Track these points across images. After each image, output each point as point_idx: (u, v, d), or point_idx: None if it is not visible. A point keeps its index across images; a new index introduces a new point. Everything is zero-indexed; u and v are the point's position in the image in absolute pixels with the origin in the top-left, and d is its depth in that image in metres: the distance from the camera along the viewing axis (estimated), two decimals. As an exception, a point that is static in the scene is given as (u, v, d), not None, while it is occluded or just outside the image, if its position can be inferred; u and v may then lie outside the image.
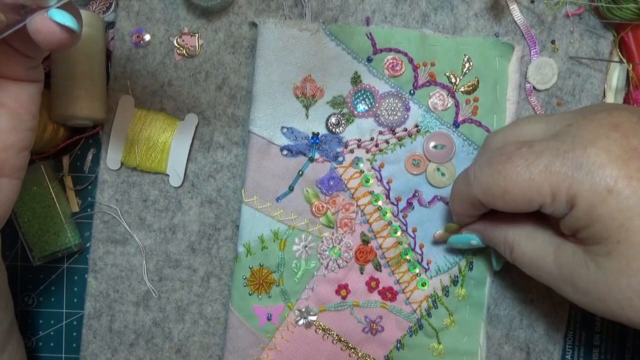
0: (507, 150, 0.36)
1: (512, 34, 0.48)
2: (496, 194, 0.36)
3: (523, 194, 0.35)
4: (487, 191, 0.37)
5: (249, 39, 0.48)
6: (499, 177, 0.35)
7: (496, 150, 0.38)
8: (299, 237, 0.47)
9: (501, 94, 0.47)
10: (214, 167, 0.49)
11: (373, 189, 0.47)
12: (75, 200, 0.50)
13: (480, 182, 0.37)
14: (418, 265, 0.47)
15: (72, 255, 0.50)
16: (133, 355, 0.49)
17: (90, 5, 0.49)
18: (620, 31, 0.47)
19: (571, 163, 0.33)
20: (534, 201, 0.35)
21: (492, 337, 0.48)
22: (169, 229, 0.49)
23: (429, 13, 0.48)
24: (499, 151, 0.37)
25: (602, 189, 0.32)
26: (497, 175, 0.36)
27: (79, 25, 0.30)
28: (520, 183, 0.34)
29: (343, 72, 0.47)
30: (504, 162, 0.35)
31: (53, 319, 0.50)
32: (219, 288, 0.49)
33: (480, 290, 0.47)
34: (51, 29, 0.29)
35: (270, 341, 0.47)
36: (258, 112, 0.46)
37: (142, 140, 0.47)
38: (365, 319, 0.47)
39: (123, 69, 0.48)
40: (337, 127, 0.47)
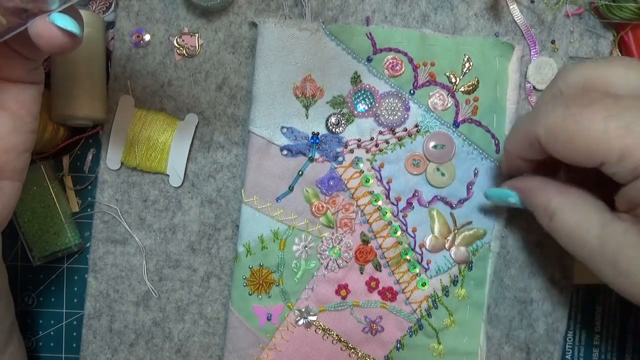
0: (590, 95, 0.33)
1: (512, 34, 0.48)
2: (561, 138, 0.33)
3: (591, 144, 0.32)
4: (553, 132, 0.34)
5: (249, 39, 0.48)
6: (571, 120, 0.32)
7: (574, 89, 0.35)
8: (298, 237, 0.47)
9: (501, 94, 0.47)
10: (214, 167, 0.49)
11: (373, 189, 0.47)
12: (75, 200, 0.50)
13: (548, 120, 0.34)
14: (418, 265, 0.47)
15: (72, 255, 0.50)
16: (133, 355, 0.49)
17: (90, 5, 0.49)
18: (620, 31, 0.47)
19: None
20: (598, 156, 0.32)
21: (492, 337, 0.48)
22: (169, 229, 0.49)
23: (429, 13, 0.48)
24: (580, 93, 0.34)
25: None
26: (570, 118, 0.32)
27: (81, 29, 0.30)
28: (592, 132, 0.31)
29: (343, 72, 0.47)
30: (583, 106, 0.32)
31: (53, 319, 0.50)
32: (219, 288, 0.49)
33: (480, 290, 0.47)
34: (53, 33, 0.29)
35: (270, 341, 0.47)
36: (258, 112, 0.46)
37: (142, 140, 0.47)
38: (365, 319, 0.47)
39: (123, 69, 0.48)
40: (337, 127, 0.47)
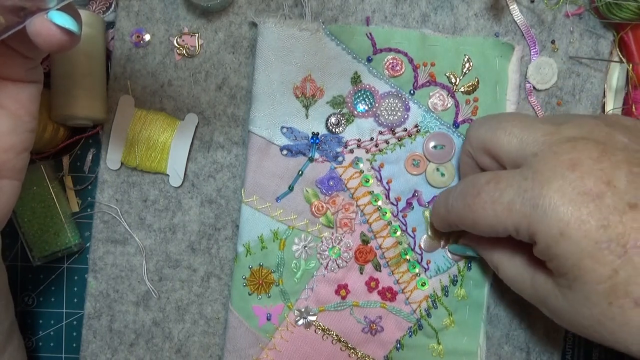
0: (478, 184, 0.38)
1: (512, 34, 0.48)
2: (468, 224, 0.39)
3: (490, 227, 0.37)
4: (461, 220, 0.40)
5: (249, 39, 0.48)
6: (469, 210, 0.38)
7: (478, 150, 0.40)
8: (298, 237, 0.47)
9: (501, 94, 0.47)
10: (214, 167, 0.49)
11: (373, 189, 0.47)
12: (75, 200, 0.50)
13: (454, 211, 0.40)
14: (418, 265, 0.47)
15: (72, 255, 0.50)
16: (133, 355, 0.49)
17: (90, 5, 0.49)
18: (620, 31, 0.47)
19: (529, 203, 0.34)
20: (500, 232, 0.37)
21: (492, 337, 0.48)
22: (169, 229, 0.49)
23: (429, 13, 0.48)
24: (471, 182, 0.39)
25: (555, 231, 0.33)
26: (468, 209, 0.38)
27: (79, 27, 0.30)
28: (486, 217, 0.37)
29: (343, 72, 0.47)
30: (474, 197, 0.37)
31: (53, 319, 0.50)
32: (219, 288, 0.49)
33: (480, 290, 0.47)
34: (51, 31, 0.29)
35: (270, 341, 0.47)
36: (258, 112, 0.46)
37: (142, 140, 0.47)
38: (364, 319, 0.47)
39: (123, 69, 0.48)
40: (337, 127, 0.47)
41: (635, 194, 0.32)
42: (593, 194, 0.32)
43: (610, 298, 0.32)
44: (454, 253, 0.47)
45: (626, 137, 0.35)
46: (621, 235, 0.31)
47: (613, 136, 0.35)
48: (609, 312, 0.32)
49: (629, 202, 0.32)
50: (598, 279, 0.32)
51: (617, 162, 0.33)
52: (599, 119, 0.37)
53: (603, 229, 0.32)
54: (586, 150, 0.34)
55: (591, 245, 0.32)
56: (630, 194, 0.32)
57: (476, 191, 0.37)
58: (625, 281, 0.31)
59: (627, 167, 0.33)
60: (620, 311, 0.32)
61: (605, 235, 0.32)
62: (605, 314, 0.32)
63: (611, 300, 0.32)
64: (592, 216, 0.32)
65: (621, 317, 0.32)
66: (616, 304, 0.32)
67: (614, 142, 0.34)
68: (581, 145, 0.34)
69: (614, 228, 0.31)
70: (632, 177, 0.32)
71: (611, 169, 0.33)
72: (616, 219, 0.32)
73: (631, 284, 0.31)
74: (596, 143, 0.34)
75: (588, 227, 0.32)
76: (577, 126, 0.36)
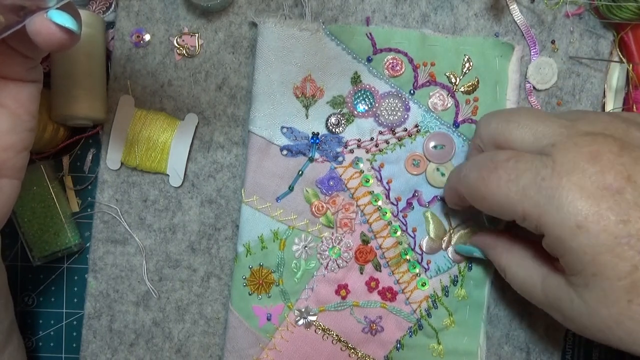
0: (496, 159, 0.36)
1: (512, 34, 0.48)
2: (477, 197, 0.38)
3: (499, 205, 0.36)
4: (471, 192, 0.38)
5: (249, 39, 0.48)
6: (482, 183, 0.37)
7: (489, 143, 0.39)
8: (298, 237, 0.47)
9: (501, 94, 0.47)
10: (214, 167, 0.49)
11: (373, 189, 0.47)
12: (75, 200, 0.50)
13: (467, 182, 0.39)
14: (418, 265, 0.47)
15: (72, 255, 0.50)
16: (133, 355, 0.49)
17: (90, 5, 0.49)
18: (620, 31, 0.47)
19: (545, 193, 0.33)
20: (507, 215, 0.36)
21: (492, 337, 0.48)
22: (169, 229, 0.49)
23: (429, 13, 0.48)
24: (490, 156, 0.37)
25: (572, 224, 0.32)
26: (481, 182, 0.37)
27: (79, 26, 0.30)
28: (498, 195, 0.36)
29: (343, 72, 0.47)
30: (490, 171, 0.36)
31: (53, 319, 0.50)
32: (219, 288, 0.49)
33: (480, 290, 0.47)
34: (51, 30, 0.29)
35: (270, 341, 0.47)
36: (258, 112, 0.46)
37: (142, 140, 0.47)
38: (365, 319, 0.47)
39: (123, 69, 0.48)
40: (337, 127, 0.47)
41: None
42: (613, 189, 0.32)
43: (630, 295, 0.31)
44: (460, 253, 0.47)
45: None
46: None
47: (630, 132, 0.34)
48: (628, 310, 0.31)
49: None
50: (618, 274, 0.31)
51: (637, 158, 0.32)
52: (614, 115, 0.36)
53: (623, 224, 0.31)
54: (606, 145, 0.33)
55: (610, 240, 0.31)
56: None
57: (494, 165, 0.36)
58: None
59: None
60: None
61: (625, 230, 0.31)
62: (624, 312, 0.32)
63: (631, 298, 0.31)
64: (612, 211, 0.31)
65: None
66: (636, 301, 0.31)
67: (631, 138, 0.34)
68: (601, 139, 0.34)
69: (635, 223, 0.31)
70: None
71: (632, 164, 0.32)
72: (636, 214, 0.31)
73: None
74: (615, 139, 0.34)
75: (607, 222, 0.31)
76: (592, 122, 0.35)
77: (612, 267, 0.31)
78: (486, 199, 0.37)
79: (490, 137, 0.39)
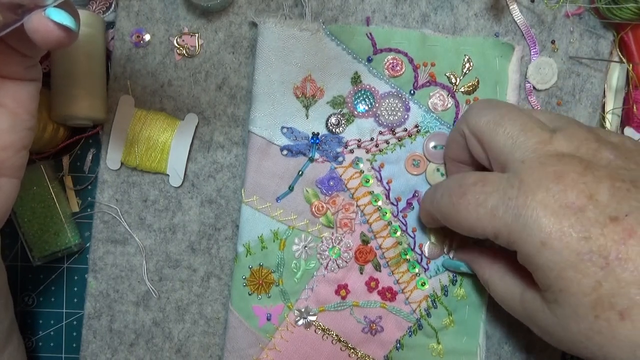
0: (465, 183, 0.38)
1: (512, 34, 0.48)
2: (450, 221, 0.39)
3: (471, 227, 0.37)
4: (444, 216, 0.40)
5: (249, 39, 0.48)
6: (453, 208, 0.38)
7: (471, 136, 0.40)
8: (298, 237, 0.47)
9: (501, 94, 0.47)
10: (214, 167, 0.49)
11: (373, 189, 0.47)
12: (75, 200, 0.50)
13: (439, 208, 0.40)
14: (417, 265, 0.47)
15: (72, 255, 0.50)
16: (133, 355, 0.49)
17: (90, 5, 0.49)
18: (620, 31, 0.47)
19: (512, 212, 0.34)
20: (480, 235, 0.37)
21: (492, 337, 0.48)
22: (169, 229, 0.49)
23: (429, 13, 0.48)
24: (458, 180, 0.39)
25: (537, 241, 0.33)
26: (452, 207, 0.38)
27: (77, 23, 0.30)
28: (469, 219, 0.37)
29: (343, 72, 0.47)
30: (459, 196, 0.38)
31: (53, 319, 0.50)
32: (219, 288, 0.49)
33: (479, 290, 0.47)
34: (49, 28, 0.29)
35: (270, 341, 0.47)
36: (258, 112, 0.46)
37: (142, 140, 0.47)
38: (364, 319, 0.47)
39: (123, 69, 0.48)
40: (337, 127, 0.47)
41: (616, 207, 0.32)
42: (575, 207, 0.33)
43: (596, 311, 0.32)
44: (448, 268, 0.47)
45: (612, 154, 0.35)
46: (603, 247, 0.31)
47: (600, 152, 0.35)
48: (595, 325, 0.32)
49: (610, 215, 0.32)
50: (583, 290, 0.32)
51: (600, 177, 0.33)
52: (591, 132, 0.37)
53: (584, 240, 0.32)
54: (571, 165, 0.34)
55: (573, 256, 0.32)
56: (612, 207, 0.32)
57: (462, 191, 0.38)
58: (609, 293, 0.31)
59: (610, 181, 0.33)
60: (607, 324, 0.32)
61: (586, 246, 0.32)
62: (592, 328, 0.32)
63: (597, 313, 0.32)
64: (574, 228, 0.32)
65: (608, 331, 0.32)
66: (602, 316, 0.32)
67: (599, 158, 0.35)
68: (567, 159, 0.35)
69: (595, 240, 0.32)
70: (614, 190, 0.33)
71: (594, 182, 0.33)
72: (597, 231, 0.32)
73: (615, 295, 0.31)
74: (580, 160, 0.35)
75: (569, 239, 0.32)
76: (568, 138, 0.36)
77: (577, 283, 0.32)
78: (458, 222, 0.38)
79: (477, 131, 0.40)
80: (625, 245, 0.31)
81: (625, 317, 0.31)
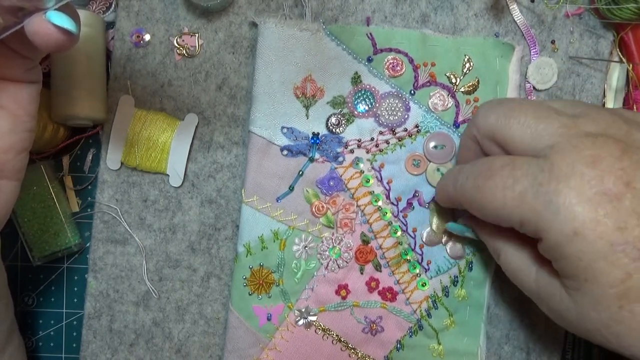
0: (492, 166, 0.36)
1: (512, 34, 0.48)
2: (475, 206, 0.38)
3: (496, 212, 0.36)
4: (468, 200, 0.38)
5: (249, 39, 0.48)
6: (478, 192, 0.36)
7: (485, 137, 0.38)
8: (299, 237, 0.47)
9: (501, 95, 0.47)
10: (214, 167, 0.49)
11: (373, 189, 0.47)
12: (75, 200, 0.50)
13: (463, 191, 0.38)
14: (418, 266, 0.47)
15: (72, 255, 0.50)
16: (133, 355, 0.49)
17: (90, 5, 0.49)
18: (620, 31, 0.47)
19: (543, 198, 0.33)
20: (505, 222, 0.36)
21: (492, 337, 0.49)
22: (169, 229, 0.49)
23: (429, 13, 0.48)
24: (485, 163, 0.37)
25: (569, 230, 0.32)
26: (477, 190, 0.37)
27: (77, 27, 0.30)
28: (494, 203, 0.35)
29: (343, 72, 0.47)
30: (485, 179, 0.36)
31: (53, 319, 0.50)
32: (219, 288, 0.49)
33: (480, 290, 0.47)
34: (49, 31, 0.29)
35: (270, 341, 0.47)
36: (258, 112, 0.46)
37: (142, 140, 0.47)
38: (365, 319, 0.47)
39: (123, 69, 0.48)
40: (337, 127, 0.47)
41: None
42: (612, 195, 0.31)
43: (621, 301, 0.31)
44: (452, 231, 0.45)
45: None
46: (638, 239, 0.30)
47: (631, 134, 0.34)
48: (618, 315, 0.32)
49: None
50: (611, 281, 0.31)
51: (638, 162, 0.32)
52: (617, 114, 0.35)
53: (620, 231, 0.31)
54: (607, 147, 0.32)
55: (606, 247, 0.31)
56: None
57: (489, 173, 0.36)
58: (638, 285, 0.31)
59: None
60: (631, 315, 0.31)
61: (621, 237, 0.31)
62: (614, 317, 0.32)
63: (622, 304, 0.31)
64: (610, 217, 0.31)
65: (630, 321, 0.31)
66: (627, 307, 0.31)
67: (633, 140, 0.33)
68: (601, 141, 0.33)
69: (632, 231, 0.31)
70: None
71: (632, 169, 0.32)
72: (634, 222, 0.31)
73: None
74: (616, 141, 0.33)
75: (604, 229, 0.31)
76: (594, 121, 0.34)
77: (606, 274, 0.31)
78: (483, 207, 0.36)
79: (488, 131, 0.38)
80: None
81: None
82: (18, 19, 0.29)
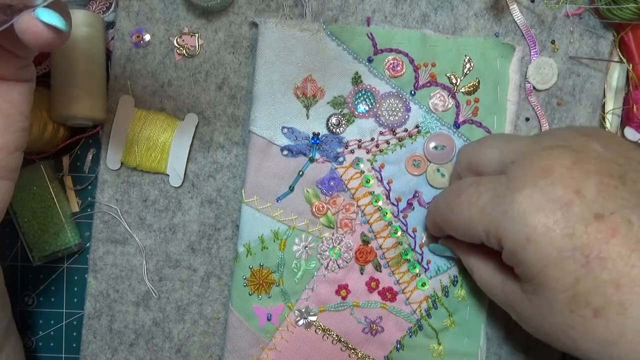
0: (460, 185, 0.39)
1: (512, 34, 0.48)
2: (447, 223, 0.40)
3: (465, 227, 0.38)
4: (442, 218, 0.41)
5: (249, 39, 0.48)
6: (449, 210, 0.39)
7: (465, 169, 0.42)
8: (299, 237, 0.47)
9: (502, 95, 0.47)
10: (214, 167, 0.49)
11: (373, 189, 0.47)
12: (75, 200, 0.49)
13: (437, 210, 0.42)
14: (418, 266, 0.47)
15: (72, 255, 0.50)
16: (133, 355, 0.49)
17: (90, 5, 0.49)
18: (620, 31, 0.47)
19: (500, 209, 0.34)
20: (473, 236, 0.38)
21: (492, 337, 0.49)
22: (169, 229, 0.49)
23: (429, 13, 0.48)
24: (456, 183, 0.40)
25: (522, 237, 0.33)
26: (449, 209, 0.39)
27: (67, 24, 0.29)
28: (462, 218, 0.38)
29: (344, 73, 0.47)
30: (455, 197, 0.38)
31: (53, 319, 0.50)
32: (219, 288, 0.49)
33: (480, 290, 0.47)
34: (38, 29, 0.28)
35: (270, 341, 0.47)
36: (258, 112, 0.46)
37: (142, 140, 0.47)
38: (365, 320, 0.47)
39: (123, 69, 0.48)
40: (337, 128, 0.47)
41: (602, 204, 0.32)
42: (562, 202, 0.32)
43: (571, 307, 0.32)
44: (434, 252, 0.47)
45: (601, 147, 0.35)
46: (585, 245, 0.31)
47: (588, 144, 0.35)
48: (570, 320, 0.33)
49: (596, 213, 0.32)
50: (561, 287, 0.32)
51: (589, 171, 0.33)
52: (577, 130, 0.37)
53: (568, 237, 0.32)
54: (560, 158, 0.34)
55: (555, 253, 0.32)
56: (598, 204, 0.32)
57: (458, 192, 0.38)
58: (586, 291, 0.32)
59: (598, 177, 0.33)
60: (581, 320, 0.32)
61: (570, 244, 0.32)
62: (567, 322, 0.33)
63: (572, 309, 0.32)
64: (559, 224, 0.32)
65: (582, 327, 0.32)
66: (577, 313, 0.32)
67: (589, 150, 0.35)
68: (556, 152, 0.34)
69: (579, 237, 0.32)
70: (601, 187, 0.32)
71: (582, 177, 0.33)
72: (581, 228, 0.32)
73: (592, 294, 0.31)
74: (571, 151, 0.34)
75: (553, 235, 0.32)
76: (554, 135, 0.37)
77: (556, 279, 0.32)
78: (453, 223, 0.39)
79: (466, 162, 0.41)
80: (607, 245, 0.31)
81: (599, 315, 0.31)
82: (7, 17, 0.28)
